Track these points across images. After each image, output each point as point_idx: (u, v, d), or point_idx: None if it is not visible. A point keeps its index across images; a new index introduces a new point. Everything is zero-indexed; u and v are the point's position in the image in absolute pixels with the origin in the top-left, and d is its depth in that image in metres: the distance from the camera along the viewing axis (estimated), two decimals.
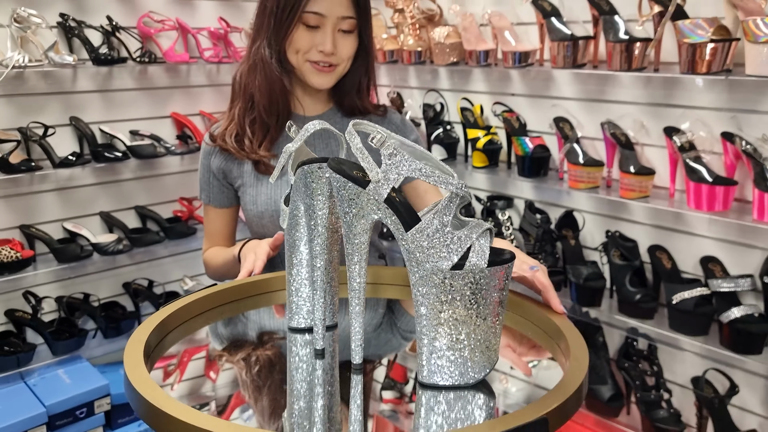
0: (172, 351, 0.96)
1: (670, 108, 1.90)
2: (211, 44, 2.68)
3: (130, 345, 0.85)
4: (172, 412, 0.69)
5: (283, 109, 1.32)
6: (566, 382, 0.78)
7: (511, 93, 2.31)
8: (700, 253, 1.87)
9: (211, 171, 1.37)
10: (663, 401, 1.90)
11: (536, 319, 0.99)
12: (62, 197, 2.47)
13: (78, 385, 2.26)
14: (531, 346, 1.00)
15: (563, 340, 0.90)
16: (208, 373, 0.96)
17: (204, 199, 1.40)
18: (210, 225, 1.42)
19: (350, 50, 1.29)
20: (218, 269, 1.37)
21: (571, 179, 2.00)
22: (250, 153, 1.30)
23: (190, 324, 0.99)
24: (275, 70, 1.29)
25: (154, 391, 0.73)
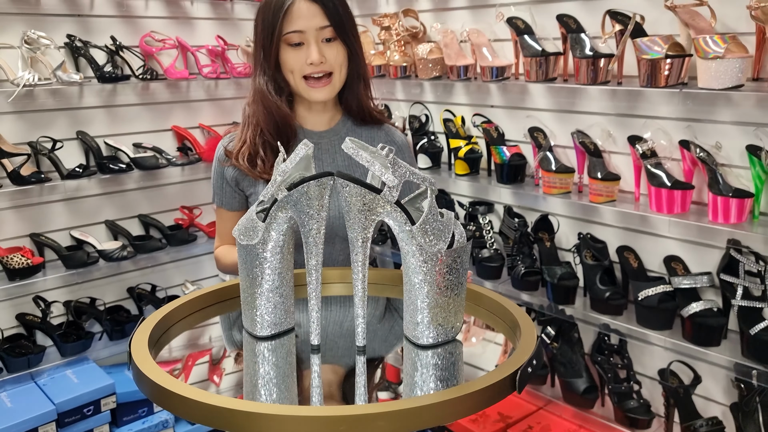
0: (177, 355, 1.04)
1: (634, 118, 2.03)
2: (210, 61, 2.82)
3: (137, 336, 0.94)
4: (177, 390, 0.81)
5: (285, 132, 1.40)
6: (515, 357, 0.89)
7: (489, 105, 2.45)
8: (664, 253, 2.00)
9: (224, 179, 1.46)
10: (633, 392, 2.01)
11: (495, 310, 1.10)
12: (70, 207, 2.60)
13: (85, 385, 2.36)
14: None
15: (516, 328, 1.01)
16: (212, 377, 1.04)
17: (217, 202, 1.50)
18: (222, 225, 1.52)
19: (339, 56, 1.36)
20: (229, 266, 1.48)
21: (545, 185, 2.13)
22: (262, 173, 1.39)
23: (190, 319, 1.09)
24: (273, 97, 1.38)
25: (159, 373, 0.84)
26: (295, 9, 1.32)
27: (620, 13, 1.91)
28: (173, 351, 1.04)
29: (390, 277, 1.24)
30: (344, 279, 1.24)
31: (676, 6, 1.78)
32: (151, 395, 0.85)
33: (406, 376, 0.95)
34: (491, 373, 0.86)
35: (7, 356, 2.32)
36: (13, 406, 2.24)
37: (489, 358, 1.10)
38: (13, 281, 2.33)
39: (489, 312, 1.12)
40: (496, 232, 2.41)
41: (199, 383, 1.01)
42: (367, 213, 0.91)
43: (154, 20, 2.75)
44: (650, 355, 2.08)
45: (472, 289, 1.14)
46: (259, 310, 1.00)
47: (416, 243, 0.92)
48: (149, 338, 0.95)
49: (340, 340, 1.08)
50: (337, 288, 1.23)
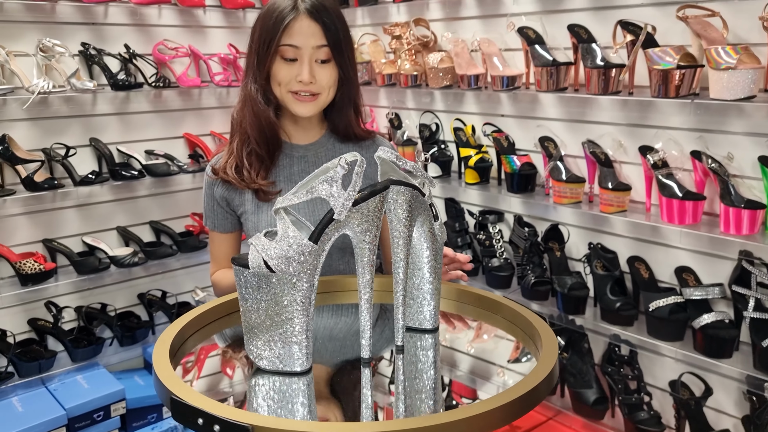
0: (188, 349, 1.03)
1: (645, 128, 2.03)
2: (222, 69, 2.84)
3: (158, 347, 0.94)
4: (197, 404, 0.79)
5: (272, 140, 1.41)
6: (537, 370, 0.89)
7: (500, 114, 2.45)
8: (675, 264, 1.99)
9: (215, 200, 1.46)
10: (644, 404, 2.00)
11: (513, 318, 1.10)
12: (82, 213, 2.62)
13: (95, 390, 2.38)
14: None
15: (537, 336, 1.01)
16: (224, 370, 1.04)
17: (209, 225, 1.49)
18: (216, 249, 1.51)
19: (329, 78, 1.35)
20: (226, 290, 1.44)
21: (556, 195, 2.13)
22: (249, 183, 1.39)
23: (208, 329, 1.09)
24: (261, 104, 1.38)
25: (181, 387, 0.83)
26: (297, 24, 1.32)
27: (631, 23, 1.91)
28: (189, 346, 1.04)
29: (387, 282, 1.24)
30: (346, 287, 1.25)
31: (687, 16, 1.78)
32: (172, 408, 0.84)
33: (408, 364, 0.99)
34: (519, 386, 0.85)
35: (19, 361, 2.34)
36: (24, 411, 2.26)
37: (501, 353, 1.13)
38: (26, 286, 2.35)
39: (508, 321, 1.11)
40: (506, 241, 2.41)
41: (212, 375, 1.01)
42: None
43: (167, 29, 2.77)
44: (661, 367, 2.07)
45: (491, 298, 1.15)
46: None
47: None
48: (170, 349, 0.95)
49: (330, 343, 1.11)
50: (342, 296, 1.24)
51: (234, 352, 1.08)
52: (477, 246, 2.43)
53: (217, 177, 1.44)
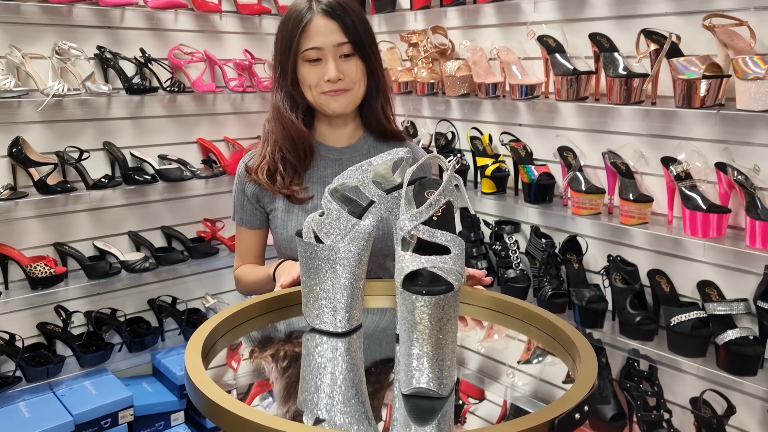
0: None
1: (668, 139, 1.99)
2: (237, 75, 2.83)
3: (190, 348, 0.93)
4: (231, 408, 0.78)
5: (303, 149, 1.40)
6: (574, 390, 0.84)
7: (518, 123, 2.42)
8: (697, 278, 1.95)
9: (245, 195, 1.45)
10: (663, 421, 1.95)
11: (548, 329, 1.06)
12: (94, 217, 2.60)
13: (103, 397, 2.35)
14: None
15: (574, 349, 0.97)
16: (229, 362, 1.04)
17: (237, 220, 1.49)
18: (242, 244, 1.51)
19: (357, 71, 1.35)
20: (250, 285, 1.46)
21: (575, 206, 2.10)
22: (282, 188, 1.39)
23: (240, 329, 1.08)
24: (290, 116, 1.38)
25: (214, 389, 0.82)
26: (313, 25, 1.32)
27: (655, 32, 1.88)
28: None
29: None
30: (386, 291, 1.23)
31: (714, 25, 1.74)
32: (208, 412, 0.83)
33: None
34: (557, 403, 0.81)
35: (27, 365, 2.31)
36: (30, 416, 2.23)
37: (511, 354, 1.10)
38: (36, 290, 2.33)
39: (544, 333, 1.07)
40: (523, 252, 2.37)
41: (218, 368, 1.01)
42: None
43: (182, 33, 2.76)
44: (681, 383, 2.02)
45: (523, 307, 1.11)
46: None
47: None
48: (202, 348, 0.94)
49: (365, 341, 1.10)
50: (377, 300, 1.22)
51: (260, 351, 1.08)
52: (492, 257, 2.39)
53: (249, 178, 1.44)
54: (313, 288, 1.02)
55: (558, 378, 1.00)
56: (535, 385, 1.02)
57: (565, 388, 0.97)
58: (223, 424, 0.80)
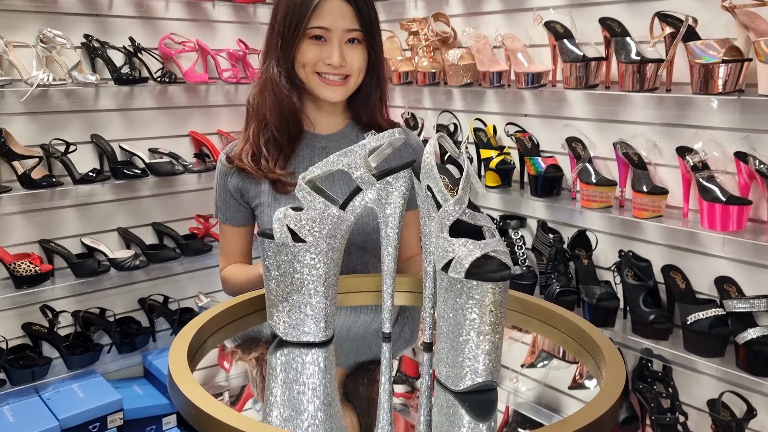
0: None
1: (683, 128, 1.90)
2: (230, 65, 2.73)
3: (175, 348, 0.86)
4: (218, 416, 0.71)
5: (294, 128, 1.32)
6: (602, 397, 0.77)
7: (523, 114, 2.33)
8: (714, 273, 1.86)
9: (228, 191, 1.37)
10: (679, 424, 1.86)
11: (569, 331, 0.99)
12: (81, 213, 2.51)
13: (91, 400, 2.27)
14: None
15: (599, 353, 0.90)
16: (221, 363, 0.98)
17: (221, 218, 1.40)
18: (227, 243, 1.42)
19: (360, 61, 1.28)
20: (239, 286, 1.36)
21: (584, 199, 2.00)
22: (267, 172, 1.31)
23: (228, 329, 1.02)
24: (284, 88, 1.30)
25: (200, 394, 0.75)
26: (327, 5, 1.25)
27: (670, 15, 1.79)
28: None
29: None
30: (369, 287, 1.17)
31: (734, 6, 1.65)
32: (193, 420, 0.75)
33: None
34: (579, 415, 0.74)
35: (11, 368, 2.23)
36: (15, 421, 2.14)
37: (515, 357, 1.04)
38: (20, 289, 2.25)
39: (563, 333, 1.00)
40: (529, 248, 2.28)
41: (209, 368, 0.95)
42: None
43: (174, 22, 2.67)
44: (697, 384, 1.93)
45: (539, 305, 1.04)
46: (318, 313, 0.94)
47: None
48: (188, 350, 0.86)
49: (346, 343, 1.03)
50: (361, 297, 1.16)
51: (243, 353, 1.01)
52: None
53: (231, 165, 1.35)
54: (290, 295, 0.92)
55: (564, 383, 0.93)
56: (539, 391, 0.96)
57: (572, 394, 0.92)
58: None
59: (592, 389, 0.92)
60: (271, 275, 0.92)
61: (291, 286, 0.91)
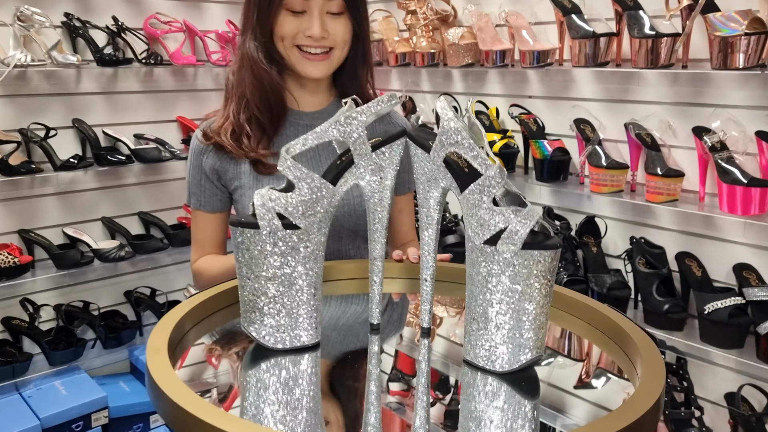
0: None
1: (699, 107, 1.80)
2: (219, 47, 2.62)
3: (153, 340, 0.76)
4: (203, 416, 0.61)
5: (276, 106, 1.23)
6: (641, 394, 0.69)
7: (528, 95, 2.23)
8: (732, 260, 1.76)
9: (203, 172, 1.25)
10: (694, 419, 1.78)
11: (597, 323, 0.91)
12: (63, 201, 2.41)
13: (75, 397, 2.19)
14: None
15: (630, 346, 0.82)
16: (210, 359, 0.89)
17: (194, 203, 1.29)
18: (200, 232, 1.30)
19: (344, 32, 1.19)
20: (214, 280, 1.24)
21: (593, 183, 1.91)
22: (249, 151, 1.21)
23: (211, 320, 0.92)
24: (263, 65, 1.21)
25: (182, 391, 0.65)
26: None
27: None
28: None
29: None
30: (359, 274, 1.08)
31: None
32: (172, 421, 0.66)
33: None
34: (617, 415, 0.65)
35: None
36: None
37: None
38: None
39: (592, 326, 0.91)
40: None
41: (196, 365, 0.87)
42: (426, 176, 0.82)
43: (159, 1, 2.56)
44: (713, 377, 1.84)
45: (559, 292, 0.95)
46: (315, 310, 0.82)
47: (465, 219, 0.81)
48: (169, 343, 0.76)
49: (333, 333, 0.93)
50: (350, 285, 1.07)
51: (223, 349, 0.91)
52: None
53: (209, 142, 1.24)
54: (282, 295, 0.78)
55: (569, 383, 0.85)
56: (543, 390, 0.87)
57: (577, 393, 0.85)
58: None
59: (600, 388, 0.86)
60: (252, 273, 0.77)
61: (283, 285, 0.78)
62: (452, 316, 1.06)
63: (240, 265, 0.78)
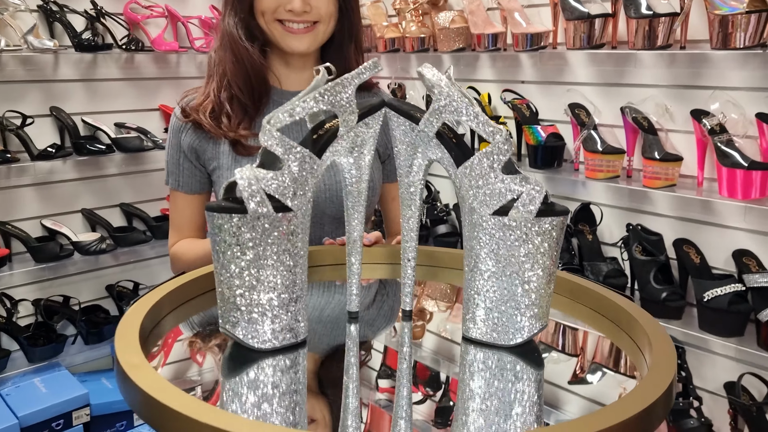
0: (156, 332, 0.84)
1: (697, 90, 1.76)
2: (203, 33, 2.55)
3: (122, 328, 0.69)
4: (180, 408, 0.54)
5: (258, 86, 1.18)
6: (652, 378, 0.64)
7: (520, 81, 2.17)
8: (731, 247, 1.72)
9: (181, 150, 1.20)
10: (692, 409, 1.74)
11: (601, 308, 0.86)
12: (41, 192, 2.34)
13: (55, 395, 2.13)
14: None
15: (636, 329, 0.78)
16: (194, 356, 0.83)
17: (172, 183, 1.24)
18: (178, 214, 1.25)
19: (327, 5, 1.14)
20: (192, 264, 1.18)
21: (589, 169, 1.86)
22: (227, 131, 1.15)
23: (187, 307, 0.86)
24: (242, 42, 1.15)
25: (155, 382, 0.58)
26: None
27: None
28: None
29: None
30: (339, 260, 1.01)
31: None
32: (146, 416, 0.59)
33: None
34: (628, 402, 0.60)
35: None
36: None
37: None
38: None
39: (598, 313, 0.86)
40: None
41: (181, 361, 0.82)
42: (410, 148, 0.76)
43: None
44: (711, 366, 1.80)
45: (561, 277, 0.90)
46: (298, 307, 0.73)
47: (460, 195, 0.75)
48: (140, 332, 0.69)
49: (318, 326, 0.87)
50: (332, 272, 1.01)
51: (203, 342, 0.84)
52: None
53: (188, 119, 1.18)
54: (266, 288, 0.69)
55: (563, 378, 0.81)
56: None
57: (572, 389, 0.80)
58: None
59: (595, 384, 0.82)
60: (236, 266, 0.67)
61: (272, 277, 0.68)
62: (443, 311, 1.01)
63: (220, 257, 0.68)
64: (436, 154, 0.75)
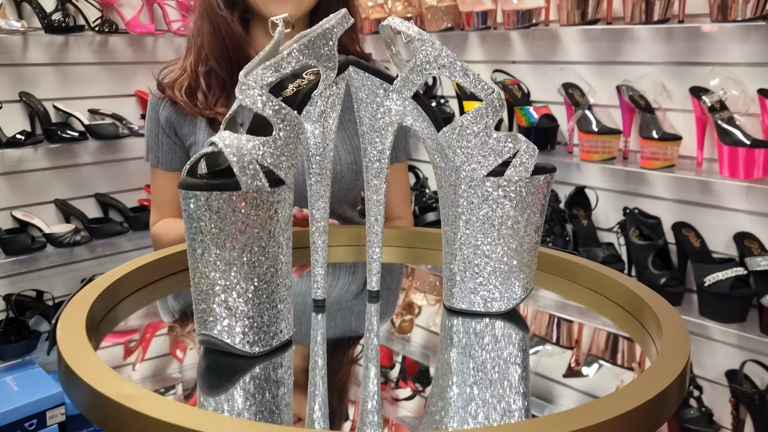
0: (133, 325, 0.78)
1: (695, 66, 1.69)
2: (180, 16, 2.44)
3: (67, 315, 0.60)
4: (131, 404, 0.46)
5: (237, 59, 1.10)
6: (663, 364, 0.56)
7: (511, 61, 2.10)
8: (732, 229, 1.66)
9: (159, 125, 1.14)
10: (692, 399, 1.69)
11: (604, 290, 0.78)
12: (10, 182, 2.22)
13: (28, 394, 2.03)
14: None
15: (647, 315, 0.70)
16: (174, 352, 0.76)
17: (152, 160, 1.17)
18: (159, 192, 1.18)
19: None
20: (173, 244, 1.12)
21: (584, 151, 1.79)
22: (203, 109, 1.08)
23: (148, 291, 0.78)
24: (220, 11, 1.08)
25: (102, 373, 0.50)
26: None
27: None
28: (128, 319, 0.76)
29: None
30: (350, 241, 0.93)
31: None
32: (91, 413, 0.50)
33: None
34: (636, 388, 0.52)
35: None
36: None
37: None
38: None
39: (598, 293, 0.78)
40: None
41: (160, 357, 0.75)
42: (381, 110, 0.68)
43: None
44: (712, 354, 1.74)
45: (558, 257, 0.82)
46: (287, 299, 0.61)
47: (442, 157, 0.69)
48: (87, 319, 0.60)
49: (304, 315, 0.77)
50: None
51: (182, 328, 0.77)
52: None
53: (164, 96, 1.11)
54: (264, 277, 0.57)
55: (557, 371, 0.75)
56: (531, 380, 0.76)
57: (567, 383, 0.74)
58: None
59: (591, 377, 0.76)
60: (220, 255, 0.55)
61: (260, 265, 0.57)
62: (432, 304, 0.94)
63: (197, 245, 0.55)
64: (410, 119, 0.67)
